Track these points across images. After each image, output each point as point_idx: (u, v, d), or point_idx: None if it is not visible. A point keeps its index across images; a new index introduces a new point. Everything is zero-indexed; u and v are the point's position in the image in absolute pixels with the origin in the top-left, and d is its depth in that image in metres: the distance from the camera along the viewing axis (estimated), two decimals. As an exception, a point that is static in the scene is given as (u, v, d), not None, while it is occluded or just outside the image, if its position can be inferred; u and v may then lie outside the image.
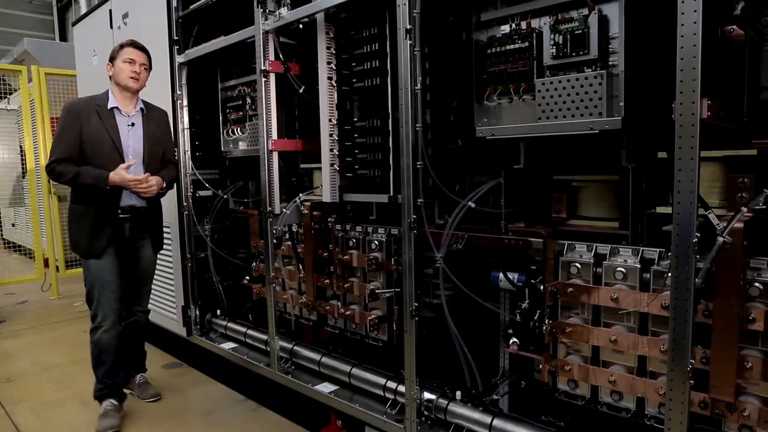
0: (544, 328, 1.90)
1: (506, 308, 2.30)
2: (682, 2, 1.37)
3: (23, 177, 5.68)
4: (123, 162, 2.76)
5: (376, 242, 2.47)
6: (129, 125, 2.86)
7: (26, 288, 6.03)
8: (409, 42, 1.99)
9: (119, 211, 2.85)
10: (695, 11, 1.35)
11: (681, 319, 1.46)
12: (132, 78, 2.81)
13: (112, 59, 2.86)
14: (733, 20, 1.46)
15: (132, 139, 2.87)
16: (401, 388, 2.28)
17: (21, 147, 5.60)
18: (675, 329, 1.47)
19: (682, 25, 1.37)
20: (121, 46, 2.85)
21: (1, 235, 7.90)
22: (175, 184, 3.22)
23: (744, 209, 1.46)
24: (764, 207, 1.55)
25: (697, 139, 1.38)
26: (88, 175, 2.71)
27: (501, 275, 2.14)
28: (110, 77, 2.87)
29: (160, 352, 3.94)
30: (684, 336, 1.45)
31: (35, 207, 5.77)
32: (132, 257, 2.99)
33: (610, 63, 1.72)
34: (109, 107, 2.81)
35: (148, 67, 2.93)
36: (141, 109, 2.93)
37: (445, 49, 2.23)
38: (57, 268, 5.82)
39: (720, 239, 1.43)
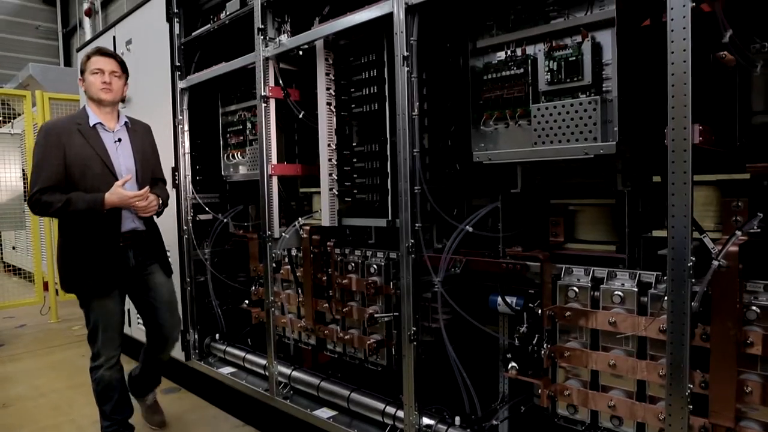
0: (543, 352, 1.89)
1: (505, 332, 2.29)
2: (672, 31, 1.39)
3: (24, 200, 5.70)
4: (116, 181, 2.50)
5: (375, 266, 2.48)
6: (116, 141, 2.59)
7: (25, 311, 6.00)
8: (406, 69, 2.03)
9: (121, 239, 2.55)
10: (684, 39, 1.38)
11: (678, 343, 1.45)
12: (103, 89, 2.52)
13: (81, 73, 2.60)
14: (722, 47, 1.49)
15: (122, 156, 2.59)
16: (400, 414, 2.26)
17: (23, 170, 5.64)
18: (672, 353, 1.47)
19: (672, 52, 1.40)
20: (88, 57, 2.57)
21: (2, 258, 7.90)
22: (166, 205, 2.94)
23: (738, 233, 1.47)
24: (759, 230, 1.57)
25: (689, 164, 1.39)
26: (80, 200, 2.39)
27: (499, 299, 2.14)
28: (85, 93, 2.62)
29: (157, 376, 3.90)
30: (681, 360, 1.45)
31: (36, 230, 5.79)
32: (144, 289, 2.71)
33: (603, 89, 1.75)
34: (91, 124, 2.53)
35: (121, 74, 2.62)
36: (125, 123, 2.67)
37: (443, 74, 2.27)
38: (57, 291, 5.81)
39: (715, 263, 1.44)
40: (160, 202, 2.66)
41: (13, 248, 7.74)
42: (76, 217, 2.46)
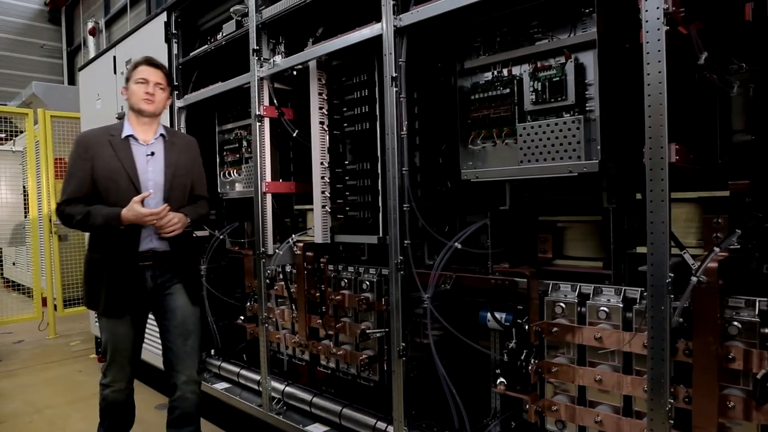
0: (530, 367, 1.91)
1: (497, 348, 2.31)
2: (647, 53, 1.44)
3: (25, 216, 5.76)
4: None
5: (367, 282, 2.51)
6: (148, 155, 2.45)
7: (24, 327, 6.02)
8: (395, 89, 2.07)
9: (138, 258, 2.40)
10: (659, 61, 1.42)
11: (658, 358, 1.48)
12: (145, 100, 2.42)
13: (126, 81, 2.50)
14: (699, 68, 1.53)
15: (151, 170, 2.45)
16: (391, 429, 2.27)
17: (24, 187, 5.70)
18: (653, 368, 1.49)
19: (648, 74, 1.44)
20: (135, 65, 2.48)
21: (2, 274, 7.94)
22: (199, 225, 2.79)
23: (717, 249, 1.50)
24: (738, 246, 1.60)
25: (666, 182, 1.43)
26: (98, 215, 2.30)
27: (489, 315, 2.16)
28: (127, 102, 2.51)
29: (153, 392, 3.91)
30: (662, 375, 1.47)
31: (36, 246, 5.83)
32: (161, 311, 2.51)
33: (587, 108, 1.79)
34: (123, 136, 2.42)
35: (166, 86, 2.52)
36: (162, 135, 2.53)
37: (434, 94, 2.32)
38: (55, 307, 5.83)
39: (694, 279, 1.47)
40: (187, 221, 2.47)
41: (14, 264, 7.77)
42: (96, 232, 2.41)
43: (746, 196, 1.72)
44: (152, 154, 2.47)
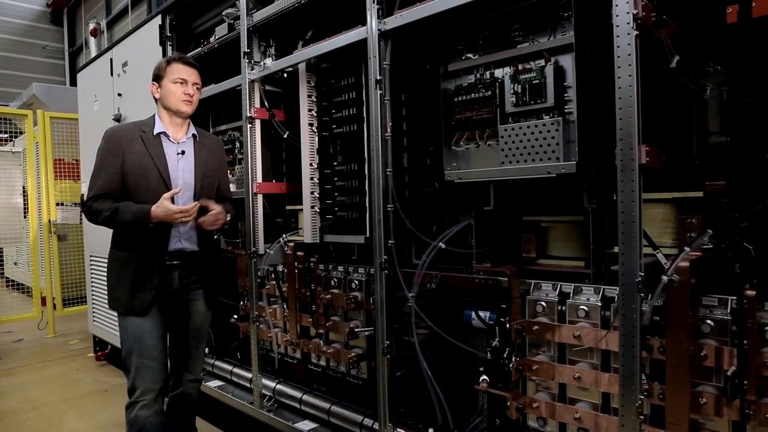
0: (511, 365, 1.95)
1: (483, 346, 2.35)
2: (618, 57, 1.47)
3: (24, 216, 5.82)
4: None
5: (356, 282, 2.54)
6: (179, 153, 2.41)
7: (23, 326, 6.08)
8: (379, 92, 2.11)
9: (167, 257, 2.36)
10: (630, 65, 1.45)
11: (629, 355, 1.51)
12: (185, 101, 2.37)
13: (157, 78, 2.41)
14: (671, 72, 1.57)
15: (182, 169, 2.40)
16: (377, 426, 2.31)
17: (24, 188, 5.76)
18: (624, 365, 1.52)
19: (619, 77, 1.48)
20: (168, 62, 2.40)
21: (3, 273, 8.00)
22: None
23: (687, 249, 1.53)
24: (711, 246, 1.63)
25: (636, 183, 1.46)
26: (127, 211, 2.24)
27: (473, 314, 2.19)
28: (156, 100, 2.44)
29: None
30: (633, 372, 1.50)
31: (35, 246, 5.88)
32: (181, 313, 2.49)
33: (566, 110, 1.82)
34: (155, 132, 2.37)
35: (200, 87, 2.48)
36: (193, 135, 2.49)
37: (422, 96, 2.36)
38: (54, 306, 5.89)
39: (665, 278, 1.50)
40: (227, 218, 2.46)
41: (15, 264, 7.83)
42: (124, 229, 2.34)
43: (722, 196, 1.75)
44: (183, 153, 2.42)
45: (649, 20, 1.47)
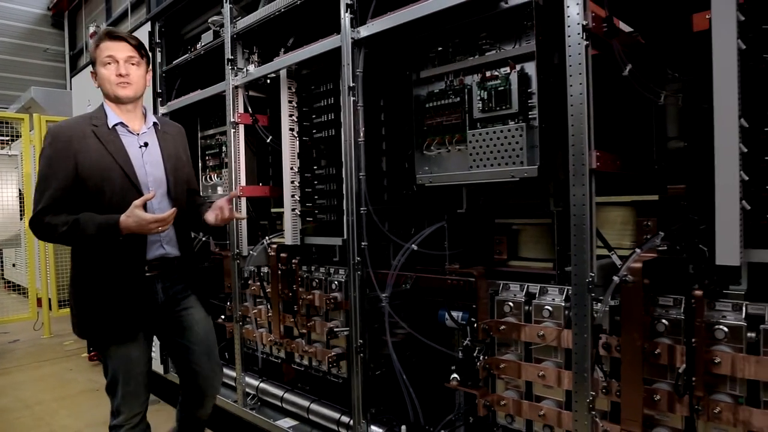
0: (478, 364, 2.01)
1: (460, 345, 2.40)
2: (570, 66, 1.53)
3: (20, 219, 5.91)
4: (142, 195, 1.95)
5: (336, 283, 2.60)
6: (141, 146, 2.08)
7: (20, 327, 6.16)
8: (352, 98, 2.18)
9: (146, 268, 2.05)
10: (580, 74, 1.51)
11: (581, 353, 1.57)
12: (120, 84, 2.01)
13: (93, 64, 2.07)
14: (623, 80, 1.63)
15: (149, 164, 2.08)
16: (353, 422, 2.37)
17: (20, 190, 5.85)
18: (577, 363, 1.58)
19: (571, 86, 1.54)
20: (97, 44, 2.04)
21: (2, 275, 8.10)
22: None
23: (638, 250, 1.59)
24: (665, 248, 1.69)
25: (587, 187, 1.52)
26: (89, 224, 1.89)
27: (446, 314, 2.25)
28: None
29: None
30: (584, 369, 1.56)
31: (31, 247, 5.97)
32: (177, 329, 2.19)
33: (529, 116, 1.88)
34: (110, 125, 2.03)
35: (140, 60, 2.09)
36: (154, 123, 2.19)
37: (400, 101, 2.42)
38: (50, 307, 5.97)
39: (616, 278, 1.56)
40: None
41: (14, 265, 7.92)
42: (86, 244, 1.99)
43: (682, 199, 1.80)
44: (146, 145, 2.09)
45: (600, 30, 1.53)
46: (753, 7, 1.37)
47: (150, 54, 2.18)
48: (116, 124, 2.05)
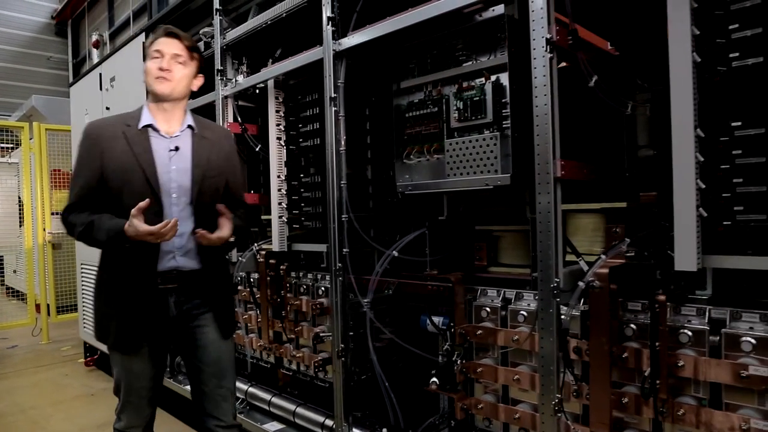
0: (456, 368, 2.05)
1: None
2: (535, 78, 1.58)
3: (20, 226, 5.99)
4: (160, 202, 1.90)
5: (323, 288, 2.65)
6: (171, 150, 1.97)
7: (19, 333, 6.22)
8: (333, 108, 2.23)
9: (159, 280, 1.94)
10: (545, 85, 1.56)
11: (547, 356, 1.61)
12: (158, 78, 1.94)
13: (144, 60, 2.02)
14: (590, 90, 1.68)
15: (175, 169, 1.96)
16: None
17: (19, 197, 5.93)
18: (543, 366, 1.62)
19: (536, 96, 1.59)
20: (152, 41, 2.00)
21: (3, 281, 8.17)
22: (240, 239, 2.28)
23: (603, 257, 1.63)
24: (632, 254, 1.73)
25: (552, 195, 1.57)
26: (101, 228, 1.85)
27: (428, 319, 2.29)
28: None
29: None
30: (550, 372, 1.60)
31: (30, 253, 6.04)
32: (189, 345, 2.06)
33: (503, 126, 1.93)
34: (141, 126, 1.95)
35: (187, 60, 2.00)
36: (189, 126, 2.05)
37: (384, 111, 2.47)
38: (48, 313, 6.03)
39: (581, 284, 1.60)
40: (226, 237, 1.97)
41: (14, 272, 7.99)
42: (102, 247, 1.96)
43: (654, 206, 1.85)
44: (176, 149, 1.97)
45: (565, 43, 1.58)
46: (708, 21, 1.42)
47: (202, 58, 2.09)
48: (147, 125, 1.97)
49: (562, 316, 1.66)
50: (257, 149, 2.97)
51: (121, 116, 2.05)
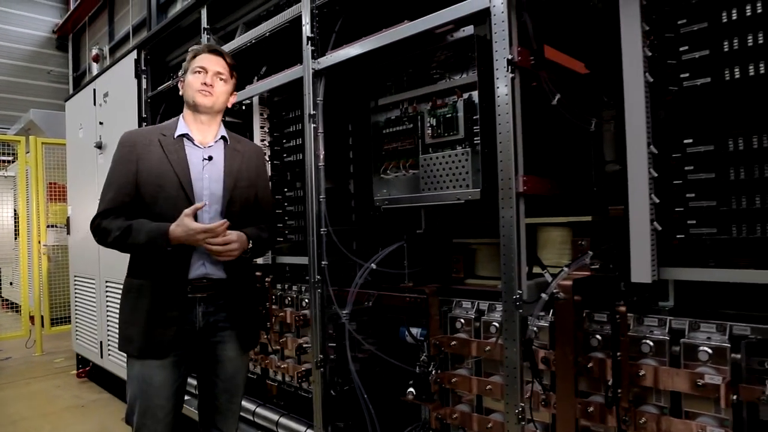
0: (430, 378, 2.09)
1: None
2: (498, 97, 1.65)
3: (15, 238, 6.05)
4: None
5: (306, 300, 2.70)
6: (205, 159, 2.03)
7: (13, 345, 6.25)
8: (313, 125, 2.30)
9: (189, 288, 1.96)
10: (507, 104, 1.62)
11: (511, 366, 1.65)
12: (201, 92, 2.02)
13: (183, 74, 2.11)
14: (553, 108, 1.74)
15: (207, 178, 2.02)
16: (317, 436, 2.45)
17: (15, 210, 6.00)
18: (507, 375, 1.66)
19: (499, 115, 1.65)
20: (194, 54, 2.08)
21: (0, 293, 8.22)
22: (261, 251, 2.26)
23: (566, 269, 1.69)
24: (597, 267, 1.78)
25: (514, 210, 1.62)
26: (141, 231, 1.89)
27: (406, 330, 2.34)
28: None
29: (121, 403, 4.10)
30: (514, 381, 1.65)
31: (24, 265, 6.09)
32: (209, 358, 2.07)
33: (474, 142, 2.00)
34: (176, 135, 2.03)
35: (228, 78, 2.10)
36: (223, 137, 2.13)
37: (365, 127, 2.53)
38: (42, 324, 6.07)
39: (544, 295, 1.65)
40: (249, 246, 2.02)
41: (11, 284, 8.04)
42: (138, 252, 1.99)
43: (622, 220, 1.90)
44: (210, 158, 2.04)
45: (527, 63, 1.65)
46: (659, 43, 1.49)
47: (236, 76, 2.18)
48: (182, 135, 2.05)
49: (532, 327, 1.71)
50: (243, 164, 3.03)
51: (156, 127, 2.15)
